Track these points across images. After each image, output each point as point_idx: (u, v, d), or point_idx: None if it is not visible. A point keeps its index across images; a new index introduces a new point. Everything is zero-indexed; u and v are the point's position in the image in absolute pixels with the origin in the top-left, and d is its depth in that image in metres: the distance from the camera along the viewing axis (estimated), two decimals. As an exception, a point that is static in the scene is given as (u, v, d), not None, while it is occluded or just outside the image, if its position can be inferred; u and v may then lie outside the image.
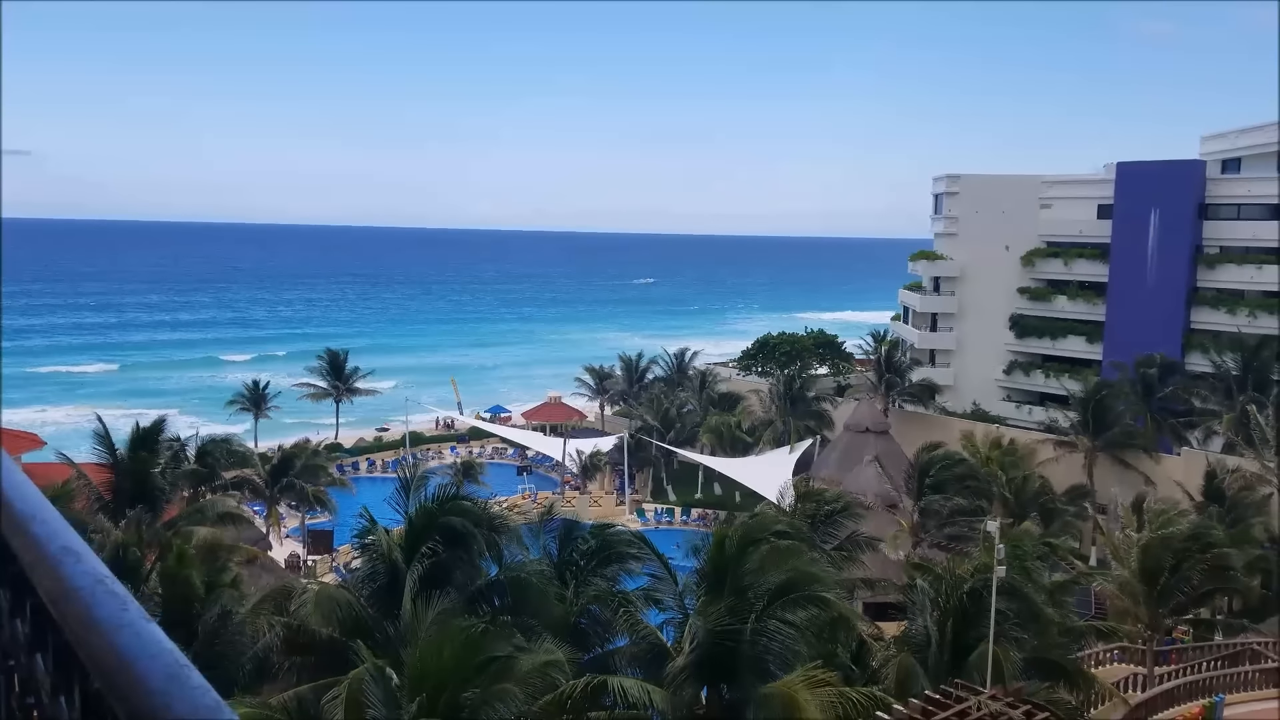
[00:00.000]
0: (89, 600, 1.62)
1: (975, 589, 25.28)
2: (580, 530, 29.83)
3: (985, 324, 78.70)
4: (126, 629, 1.52)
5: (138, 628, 1.53)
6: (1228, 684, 33.19)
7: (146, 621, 1.55)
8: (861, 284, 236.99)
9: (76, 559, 1.76)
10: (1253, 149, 70.98)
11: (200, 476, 51.18)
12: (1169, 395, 64.20)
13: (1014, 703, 20.31)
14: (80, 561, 1.75)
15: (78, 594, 1.65)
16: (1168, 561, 35.44)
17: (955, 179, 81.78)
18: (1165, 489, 52.79)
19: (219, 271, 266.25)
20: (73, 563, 1.75)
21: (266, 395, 77.10)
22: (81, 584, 1.67)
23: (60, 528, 1.93)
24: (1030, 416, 74.25)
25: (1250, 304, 67.36)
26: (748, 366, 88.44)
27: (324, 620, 23.71)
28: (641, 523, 64.65)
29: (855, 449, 61.03)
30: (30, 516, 1.99)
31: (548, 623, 25.28)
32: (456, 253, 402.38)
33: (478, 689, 19.72)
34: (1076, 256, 76.06)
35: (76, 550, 1.80)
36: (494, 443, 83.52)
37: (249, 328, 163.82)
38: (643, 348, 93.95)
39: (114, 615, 1.56)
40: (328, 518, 59.33)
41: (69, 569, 1.73)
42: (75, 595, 1.65)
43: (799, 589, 23.39)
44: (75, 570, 1.73)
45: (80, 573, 1.71)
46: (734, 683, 23.38)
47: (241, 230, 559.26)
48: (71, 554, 1.79)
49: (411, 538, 26.14)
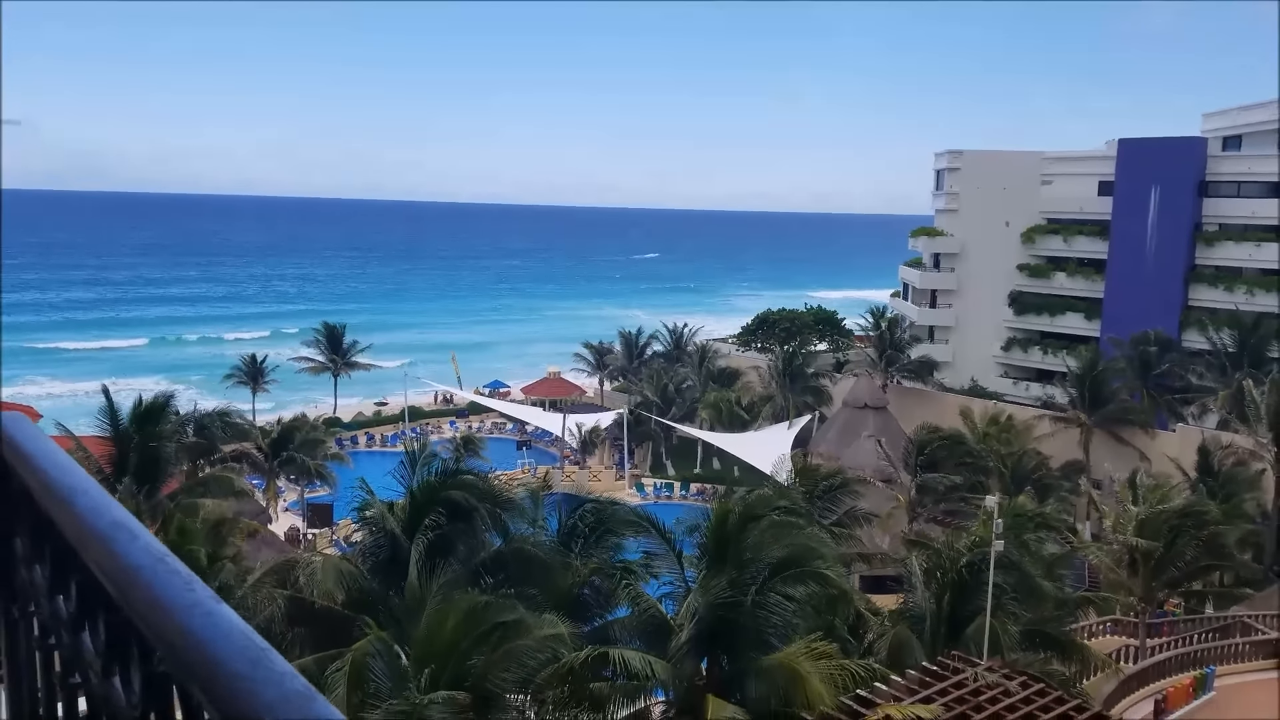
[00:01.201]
0: (150, 578, 1.53)
1: (973, 562, 25.58)
2: (582, 503, 30.07)
3: (984, 301, 78.84)
4: (197, 609, 1.43)
5: (208, 608, 1.44)
6: (1219, 656, 33.60)
7: (216, 602, 1.46)
8: (862, 261, 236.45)
9: (131, 536, 1.66)
10: (1253, 126, 70.95)
11: (200, 450, 51.51)
12: (1165, 372, 64.47)
13: (1010, 674, 20.60)
14: (136, 538, 1.66)
15: (137, 572, 1.55)
16: (1162, 536, 35.78)
17: (957, 155, 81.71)
18: (1160, 465, 53.11)
19: (207, 246, 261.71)
20: (127, 539, 1.65)
21: (264, 369, 77.23)
22: (141, 561, 1.58)
23: (108, 501, 1.82)
24: (1027, 393, 74.54)
25: (1248, 281, 67.51)
26: (747, 342, 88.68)
27: (338, 587, 24.00)
28: (641, 497, 64.98)
29: (853, 425, 61.32)
30: (75, 489, 1.87)
31: (550, 595, 25.55)
32: (454, 227, 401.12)
33: (482, 657, 20.00)
34: (1076, 233, 76.10)
35: (130, 527, 1.70)
36: (493, 417, 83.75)
37: (246, 303, 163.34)
38: (643, 323, 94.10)
39: (180, 594, 1.47)
40: (327, 491, 59.58)
41: (124, 545, 1.63)
42: (134, 573, 1.55)
43: (799, 564, 23.63)
44: (132, 547, 1.62)
45: (138, 549, 1.62)
46: (734, 654, 23.67)
47: (229, 203, 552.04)
48: (125, 530, 1.69)
49: (414, 511, 26.38)
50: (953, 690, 19.78)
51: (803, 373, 75.17)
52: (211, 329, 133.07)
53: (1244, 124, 71.85)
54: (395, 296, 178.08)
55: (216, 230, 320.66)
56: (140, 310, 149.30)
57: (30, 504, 2.01)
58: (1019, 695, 19.51)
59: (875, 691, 20.37)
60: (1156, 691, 30.44)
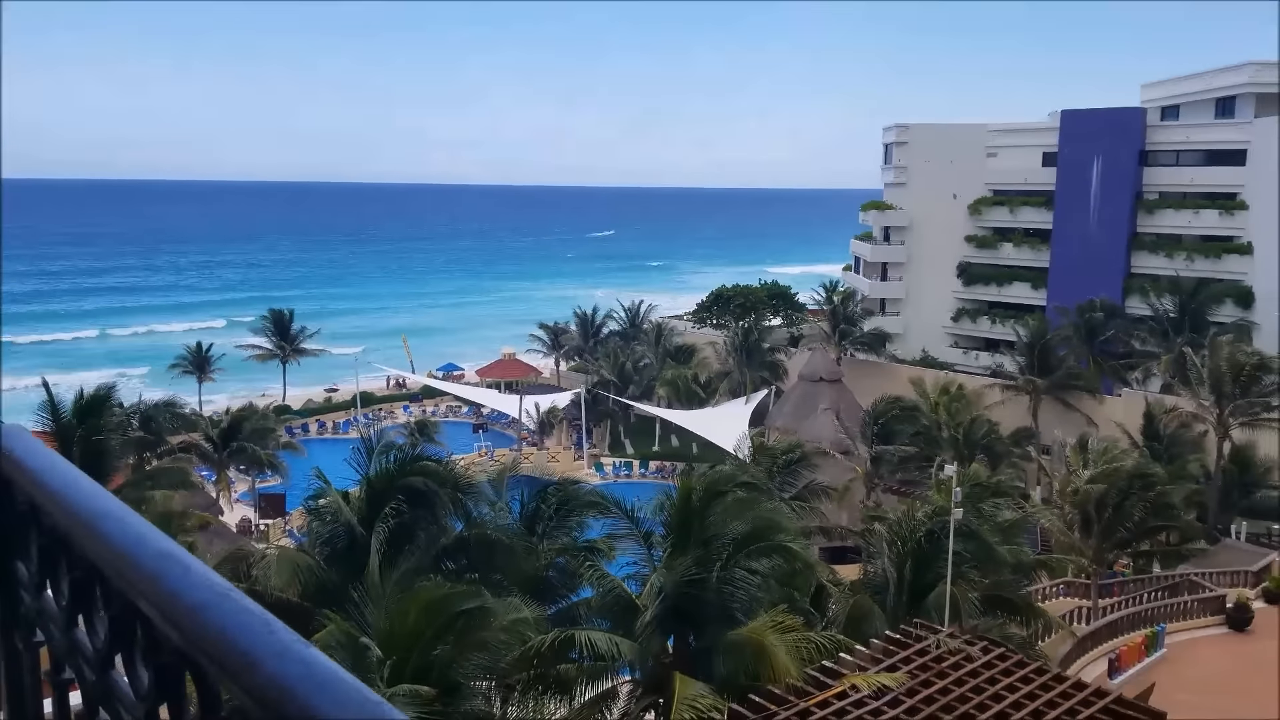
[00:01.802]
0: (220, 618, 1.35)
1: (932, 531, 25.96)
2: (544, 485, 30.04)
3: (934, 272, 79.71)
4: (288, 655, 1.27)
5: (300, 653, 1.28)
6: (1168, 614, 34.52)
7: (307, 646, 1.30)
8: (814, 235, 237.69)
9: (184, 569, 1.49)
10: (1190, 96, 72.26)
11: (146, 443, 50.61)
12: (1110, 338, 65.74)
13: (971, 640, 20.96)
14: (190, 571, 1.48)
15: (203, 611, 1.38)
16: (1111, 499, 36.57)
17: (904, 129, 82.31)
18: (1106, 429, 54.17)
19: (147, 233, 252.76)
20: (180, 572, 1.48)
21: (210, 358, 75.97)
22: (205, 598, 1.41)
23: (147, 528, 1.64)
24: (977, 362, 75.59)
25: (1188, 248, 68.88)
26: (702, 319, 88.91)
27: (292, 581, 23.69)
28: (600, 477, 65.07)
29: (810, 398, 61.84)
30: (101, 513, 1.69)
31: (515, 578, 25.53)
32: (401, 208, 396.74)
33: (447, 646, 19.93)
34: (1022, 204, 77.11)
35: (179, 557, 1.53)
36: (447, 401, 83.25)
37: (191, 292, 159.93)
38: (597, 302, 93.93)
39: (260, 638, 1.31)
40: (278, 481, 58.93)
41: (177, 580, 1.46)
42: (198, 613, 1.39)
43: (763, 538, 23.83)
44: (186, 581, 1.45)
45: (197, 585, 1.45)
46: (700, 631, 23.83)
47: (166, 188, 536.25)
48: (177, 562, 1.51)
49: (372, 499, 26.13)
50: (916, 658, 20.09)
51: (758, 348, 75.57)
52: (156, 319, 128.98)
53: (1181, 94, 73.15)
54: (344, 281, 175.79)
55: (155, 216, 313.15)
56: (78, 301, 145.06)
57: (39, 522, 1.86)
58: (981, 660, 19.87)
59: (840, 662, 20.64)
60: (1110, 651, 31.19)
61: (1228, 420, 49.79)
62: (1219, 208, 68.22)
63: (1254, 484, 49.92)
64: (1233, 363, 49.39)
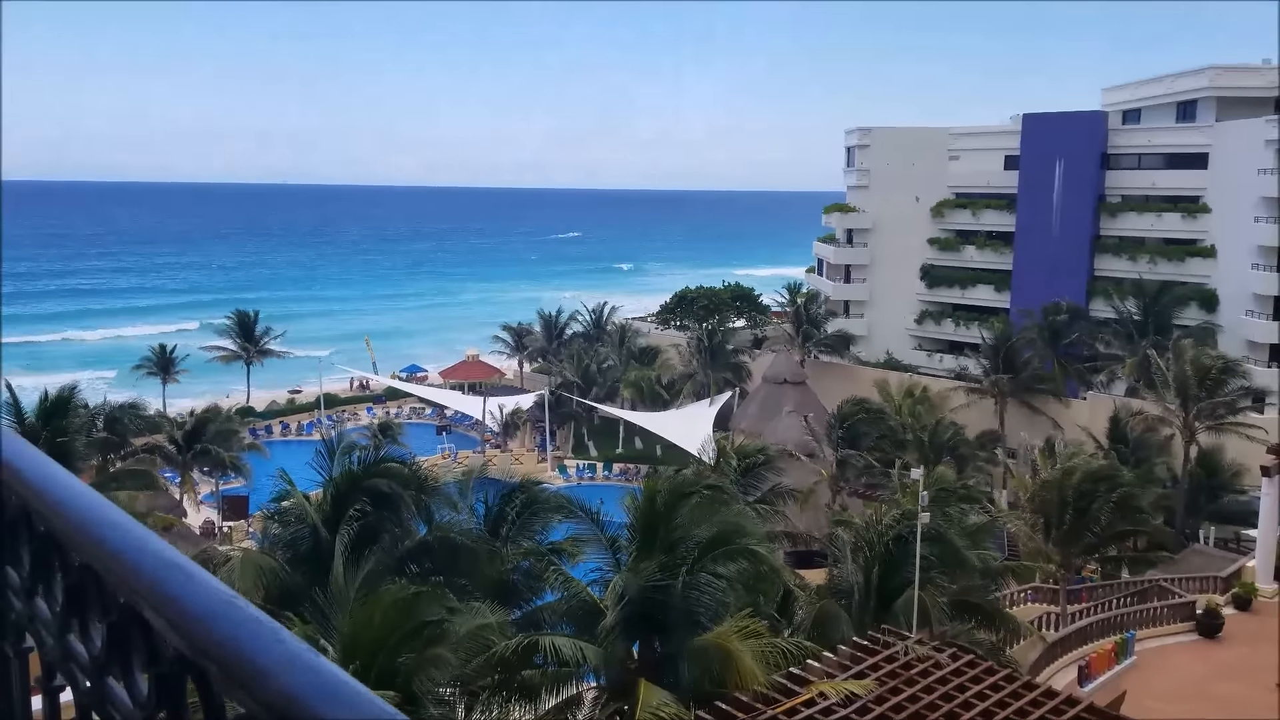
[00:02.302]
0: (226, 626, 1.35)
1: (900, 535, 25.83)
2: (507, 487, 29.69)
3: (897, 274, 79.99)
4: (298, 663, 1.27)
5: (308, 662, 1.27)
6: (1138, 620, 34.43)
7: (316, 655, 1.30)
8: (777, 238, 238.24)
9: (188, 577, 1.48)
10: (1151, 100, 73.03)
11: (110, 445, 49.92)
12: (1074, 341, 66.13)
13: (940, 646, 20.84)
14: (193, 580, 1.47)
15: (210, 620, 1.37)
16: (1078, 503, 36.61)
17: (866, 132, 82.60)
18: (1072, 432, 54.47)
19: (106, 234, 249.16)
20: (183, 580, 1.46)
21: (174, 359, 75.14)
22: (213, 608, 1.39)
23: (149, 536, 1.62)
24: (941, 365, 75.91)
25: (1150, 250, 69.47)
26: (666, 321, 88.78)
27: (257, 585, 23.23)
28: (564, 479, 64.73)
29: (774, 400, 61.82)
30: (100, 521, 1.67)
31: (479, 581, 25.17)
32: (364, 210, 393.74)
33: (412, 654, 19.56)
34: (984, 207, 77.56)
35: (185, 567, 1.51)
36: (411, 403, 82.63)
37: (154, 294, 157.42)
38: (561, 303, 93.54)
39: (269, 646, 1.31)
40: (242, 483, 58.23)
41: (179, 587, 1.45)
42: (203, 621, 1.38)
43: (728, 542, 23.59)
44: (193, 590, 1.44)
45: (204, 594, 1.43)
46: (666, 636, 23.56)
47: (119, 189, 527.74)
48: (181, 571, 1.50)
49: (337, 501, 25.72)
50: (884, 664, 19.93)
51: (722, 350, 75.52)
52: (125, 321, 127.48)
53: (1142, 97, 73.91)
54: (307, 282, 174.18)
55: (113, 218, 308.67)
56: (42, 303, 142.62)
57: (31, 526, 1.82)
58: (950, 667, 19.74)
59: (807, 669, 20.43)
60: (1080, 658, 31.15)
61: (1193, 424, 49.91)
62: (1182, 211, 68.85)
63: (1221, 488, 49.86)
64: (1197, 366, 49.60)
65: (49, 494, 1.79)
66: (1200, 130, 68.30)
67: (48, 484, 1.82)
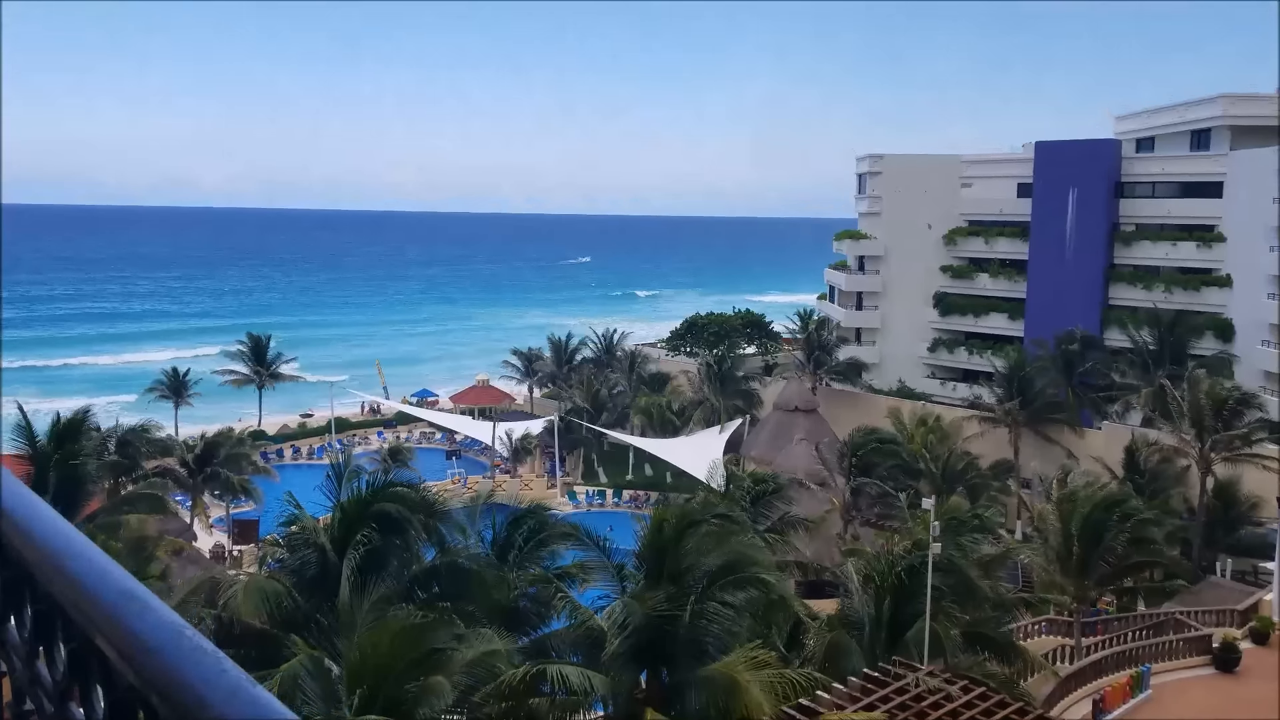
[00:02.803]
0: (176, 660, 1.37)
1: (912, 566, 25.53)
2: (516, 512, 29.53)
3: (909, 302, 79.71)
4: (239, 697, 1.29)
5: (250, 694, 1.30)
6: (1153, 654, 33.87)
7: (255, 686, 1.32)
8: (788, 265, 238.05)
9: (143, 607, 1.51)
10: (1165, 128, 72.86)
11: (121, 468, 49.96)
12: (1089, 370, 65.58)
13: (952, 678, 20.53)
14: (148, 610, 1.50)
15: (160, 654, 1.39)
16: (1092, 534, 36.12)
17: (878, 159, 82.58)
18: (1087, 463, 53.96)
19: (119, 259, 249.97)
20: (139, 611, 1.49)
21: (187, 383, 75.33)
22: (162, 640, 1.42)
23: (109, 566, 1.65)
24: (954, 393, 75.41)
25: (1165, 280, 69.07)
26: (676, 347, 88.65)
27: (254, 611, 23.06)
28: (573, 505, 64.47)
29: (785, 428, 61.55)
30: (64, 552, 1.71)
31: (486, 607, 24.96)
32: (379, 235, 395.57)
33: (418, 681, 19.36)
34: (997, 235, 77.30)
35: (140, 596, 1.54)
36: (421, 427, 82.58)
37: (168, 319, 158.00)
38: (571, 329, 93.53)
39: (213, 675, 1.33)
40: (253, 506, 58.13)
41: (135, 619, 1.47)
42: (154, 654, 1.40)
43: (737, 570, 23.37)
44: (146, 621, 1.47)
45: (155, 624, 1.46)
46: (673, 666, 23.30)
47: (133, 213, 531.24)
48: (136, 600, 1.52)
49: (345, 526, 25.58)
50: (895, 696, 19.65)
51: (732, 376, 75.30)
52: (144, 346, 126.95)
53: (1156, 125, 73.76)
54: (318, 307, 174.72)
55: (127, 242, 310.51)
56: (61, 328, 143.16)
57: (4, 555, 1.87)
58: (961, 700, 19.43)
59: (817, 700, 20.16)
60: (1094, 691, 30.66)
61: (1209, 455, 49.29)
62: (1197, 239, 68.49)
63: (1238, 520, 49.21)
64: (1212, 397, 49.07)
65: (21, 523, 1.84)
66: (1214, 159, 68.06)
67: (21, 513, 1.87)
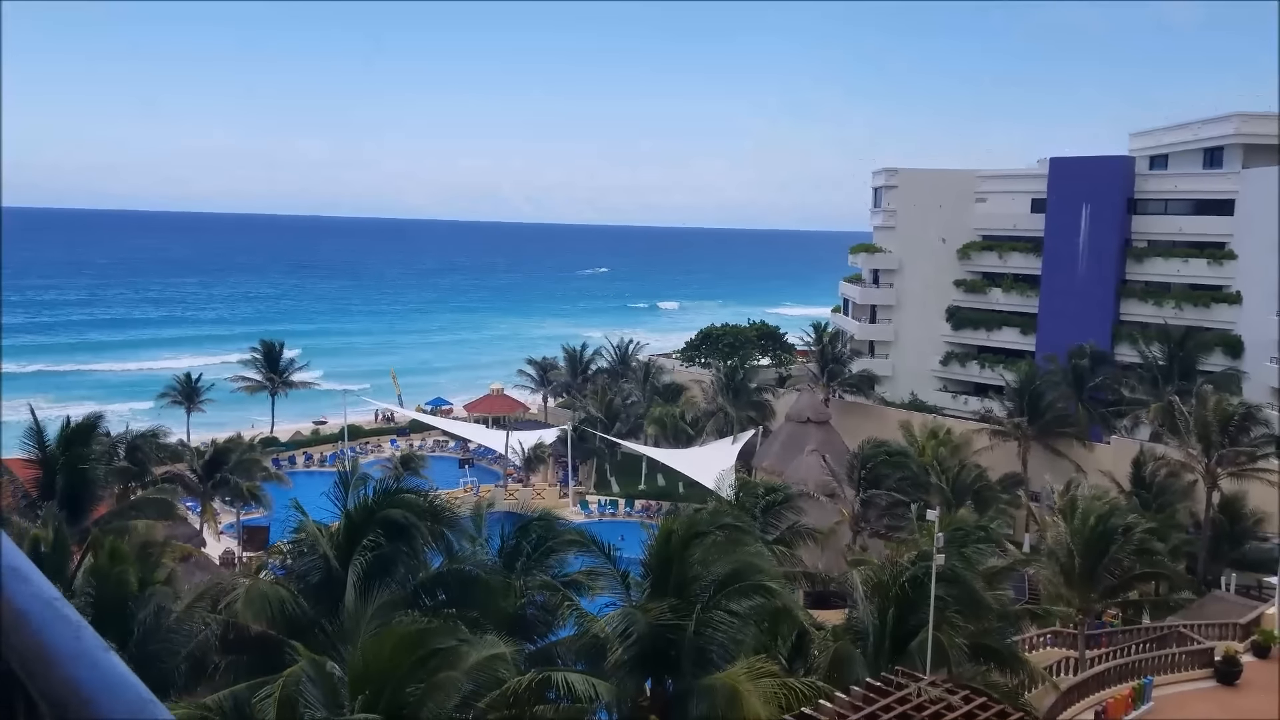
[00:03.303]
0: (39, 626, 1.43)
1: (916, 576, 25.65)
2: (524, 520, 29.72)
3: (923, 315, 79.83)
4: (83, 659, 1.36)
5: (95, 658, 1.37)
6: (1156, 666, 34.01)
7: (105, 651, 1.39)
8: (804, 278, 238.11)
9: (23, 580, 1.54)
10: (1178, 146, 72.88)
11: (130, 473, 50.22)
12: (1099, 385, 65.61)
13: (953, 689, 20.64)
14: (27, 583, 1.54)
15: (26, 619, 1.45)
16: (1097, 546, 36.19)
17: (893, 173, 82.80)
18: (1095, 477, 53.94)
19: (137, 264, 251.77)
20: (19, 583, 1.53)
21: (199, 389, 75.69)
22: (30, 607, 1.47)
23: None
24: (966, 406, 75.46)
25: (1176, 296, 69.09)
26: (690, 357, 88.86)
27: (256, 617, 23.29)
28: (585, 514, 64.63)
29: (797, 439, 61.62)
30: None
31: (492, 615, 25.13)
32: (394, 244, 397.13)
33: (421, 684, 19.54)
34: (1010, 249, 77.38)
35: (23, 570, 1.57)
36: (435, 435, 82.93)
37: (184, 325, 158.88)
38: (586, 339, 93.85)
39: (67, 642, 1.39)
40: (263, 513, 58.45)
41: (14, 590, 1.52)
42: (24, 621, 1.45)
43: (743, 580, 23.53)
44: (22, 592, 1.51)
45: (29, 595, 1.50)
46: (678, 674, 23.46)
47: (152, 218, 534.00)
48: (18, 574, 1.56)
49: (351, 532, 25.79)
50: (896, 706, 19.75)
51: (746, 387, 75.43)
52: (157, 352, 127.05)
53: (1169, 143, 73.79)
54: (333, 315, 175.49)
55: (144, 247, 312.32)
56: (80, 334, 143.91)
57: None
58: (962, 710, 19.53)
59: (820, 709, 20.27)
60: (1096, 703, 30.74)
61: (1215, 470, 49.54)
62: (1208, 257, 68.53)
63: (1244, 535, 49.35)
64: (1219, 412, 49.23)
65: None
66: (1226, 177, 68.06)
67: None
